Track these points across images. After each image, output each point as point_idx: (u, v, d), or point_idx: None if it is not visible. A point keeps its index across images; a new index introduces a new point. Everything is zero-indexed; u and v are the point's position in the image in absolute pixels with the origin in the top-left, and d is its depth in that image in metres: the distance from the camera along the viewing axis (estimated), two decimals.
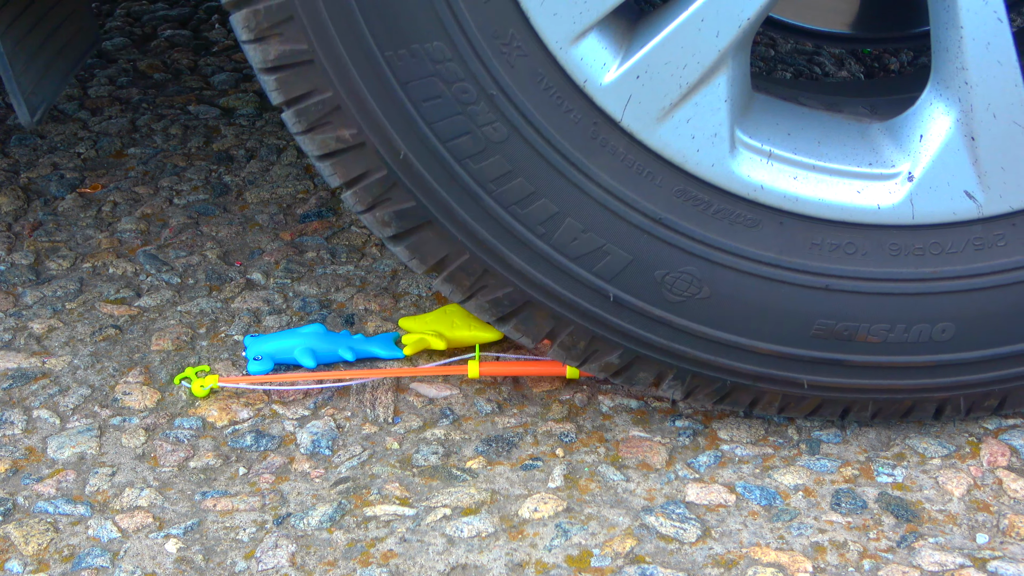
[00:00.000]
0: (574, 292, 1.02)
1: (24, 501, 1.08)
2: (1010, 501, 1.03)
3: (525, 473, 1.08)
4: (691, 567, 0.97)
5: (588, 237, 1.00)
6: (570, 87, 0.96)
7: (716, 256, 1.00)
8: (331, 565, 0.99)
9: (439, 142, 0.97)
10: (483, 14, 0.93)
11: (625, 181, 0.99)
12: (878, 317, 1.02)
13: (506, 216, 1.00)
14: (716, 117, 0.97)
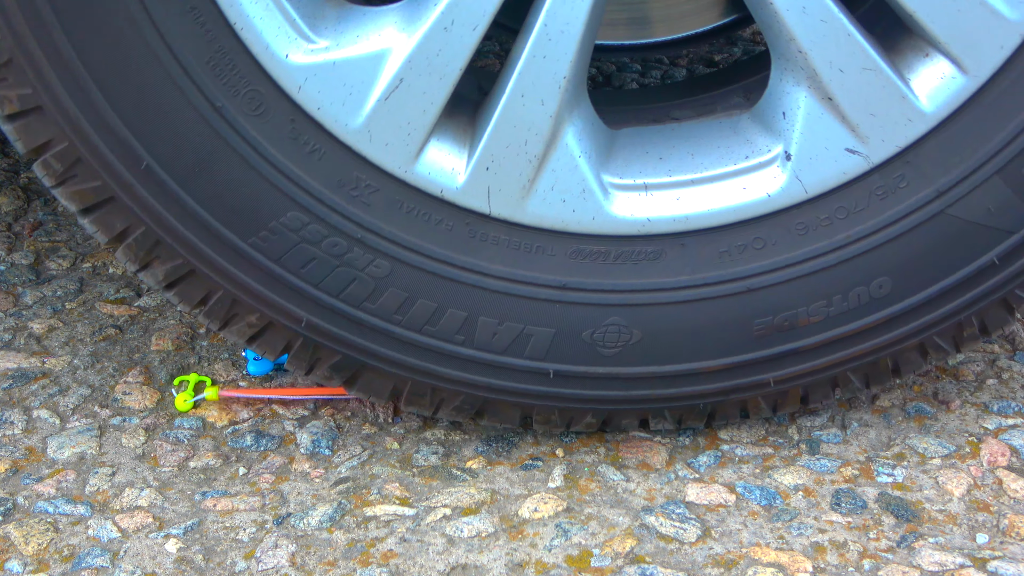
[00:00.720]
0: (513, 379, 1.04)
1: (24, 501, 1.08)
2: (1010, 501, 1.03)
3: (525, 473, 1.08)
4: (691, 567, 0.97)
5: (506, 327, 1.02)
6: (430, 200, 0.99)
7: (633, 298, 1.01)
8: (331, 565, 0.99)
9: (333, 297, 1.01)
10: (322, 170, 0.97)
11: (518, 263, 1.01)
12: (812, 297, 1.01)
13: (421, 337, 1.02)
14: (577, 174, 0.98)
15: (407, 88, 0.95)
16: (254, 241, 0.99)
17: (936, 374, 1.19)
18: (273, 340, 1.04)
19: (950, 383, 1.17)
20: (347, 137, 0.97)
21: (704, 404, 1.06)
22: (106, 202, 1.00)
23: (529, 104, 0.95)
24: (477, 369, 1.03)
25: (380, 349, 1.03)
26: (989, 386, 1.17)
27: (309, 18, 0.96)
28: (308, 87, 0.96)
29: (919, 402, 1.15)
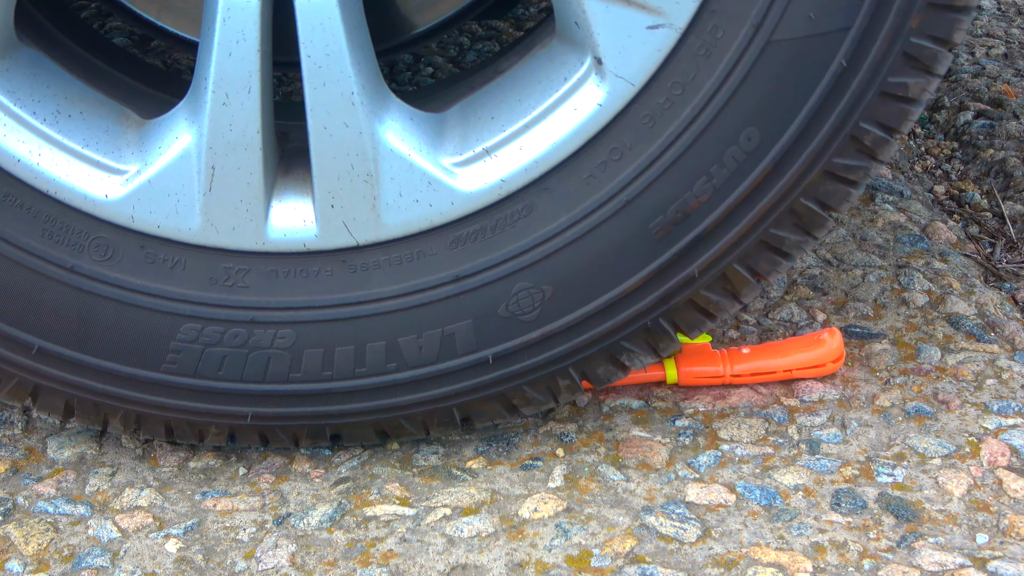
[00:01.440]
0: (474, 375, 1.04)
1: (24, 501, 1.08)
2: (1010, 501, 1.03)
3: (525, 473, 1.08)
4: (691, 567, 0.97)
5: (425, 337, 1.02)
6: (300, 257, 1.02)
7: (531, 257, 1.00)
8: (331, 565, 0.99)
9: (260, 383, 1.04)
10: (190, 277, 1.02)
11: (406, 275, 1.01)
12: (692, 177, 0.98)
13: (359, 382, 1.04)
14: (416, 172, 0.99)
15: (222, 172, 0.98)
16: (165, 367, 1.02)
17: (936, 374, 1.19)
18: (225, 438, 1.08)
19: (950, 383, 1.17)
20: (195, 238, 1.00)
21: (648, 321, 1.03)
22: (17, 385, 1.05)
23: (335, 132, 0.97)
24: (427, 385, 1.04)
25: (337, 407, 1.05)
26: (989, 386, 1.17)
27: (112, 153, 1.00)
28: (139, 213, 0.99)
29: (919, 402, 1.15)
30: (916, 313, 1.28)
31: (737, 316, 1.28)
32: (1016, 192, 1.55)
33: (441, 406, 1.05)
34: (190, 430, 1.07)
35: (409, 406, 1.05)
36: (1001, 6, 2.13)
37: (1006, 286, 1.36)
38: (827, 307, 1.29)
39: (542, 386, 1.05)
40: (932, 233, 1.43)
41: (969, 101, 1.77)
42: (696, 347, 1.17)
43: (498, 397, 1.05)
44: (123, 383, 1.04)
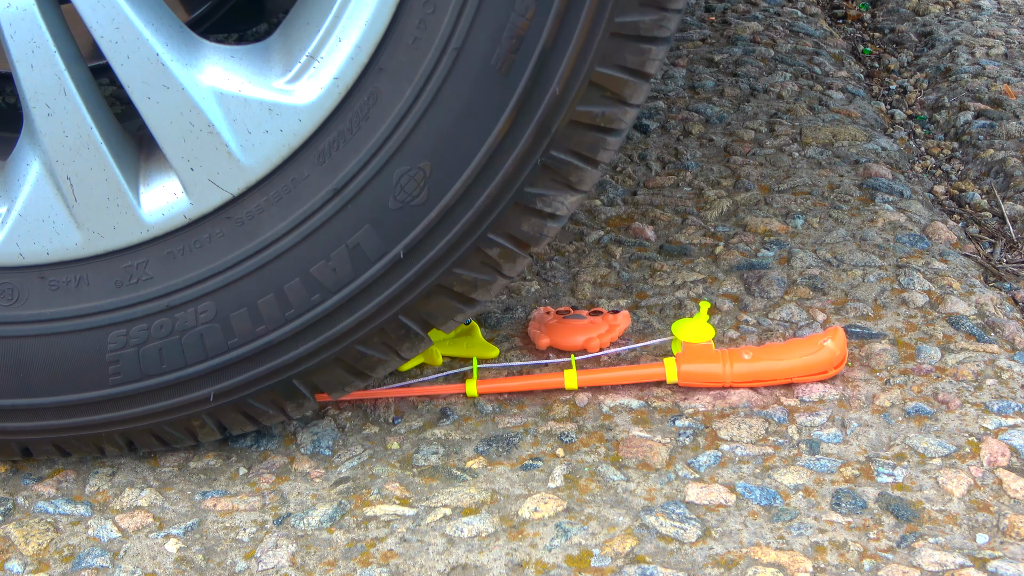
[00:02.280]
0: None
1: (24, 501, 1.08)
2: (1010, 501, 1.03)
3: (525, 473, 1.08)
4: (691, 567, 0.97)
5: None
6: (187, 229, 1.00)
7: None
8: (331, 565, 0.99)
9: (199, 364, 1.03)
10: (96, 289, 1.03)
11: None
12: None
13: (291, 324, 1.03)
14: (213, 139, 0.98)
15: (78, 179, 0.99)
16: (113, 380, 1.03)
17: (936, 374, 1.19)
18: (195, 427, 1.07)
19: (950, 383, 1.17)
20: (84, 251, 1.01)
21: (541, 158, 0.98)
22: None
23: (159, 97, 0.96)
24: (357, 303, 1.01)
25: (293, 354, 1.03)
26: (989, 386, 1.17)
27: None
28: (25, 248, 1.01)
29: (919, 402, 1.15)
30: (916, 313, 1.28)
31: (737, 316, 1.28)
32: (1016, 192, 1.55)
33: (389, 317, 1.02)
34: (176, 431, 1.07)
35: (357, 328, 1.02)
36: (1001, 6, 2.13)
37: (1006, 286, 1.36)
38: (827, 307, 1.29)
39: (475, 261, 1.01)
40: (932, 233, 1.43)
41: (969, 101, 1.78)
42: (697, 348, 1.17)
43: (436, 289, 1.01)
44: (87, 410, 1.05)
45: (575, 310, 1.26)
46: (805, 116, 1.72)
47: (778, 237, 1.42)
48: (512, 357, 1.23)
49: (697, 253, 1.40)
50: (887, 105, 1.85)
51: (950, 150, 1.70)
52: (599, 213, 1.49)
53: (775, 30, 2.01)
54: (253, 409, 1.06)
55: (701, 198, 1.52)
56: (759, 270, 1.35)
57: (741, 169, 1.58)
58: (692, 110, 1.74)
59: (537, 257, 1.39)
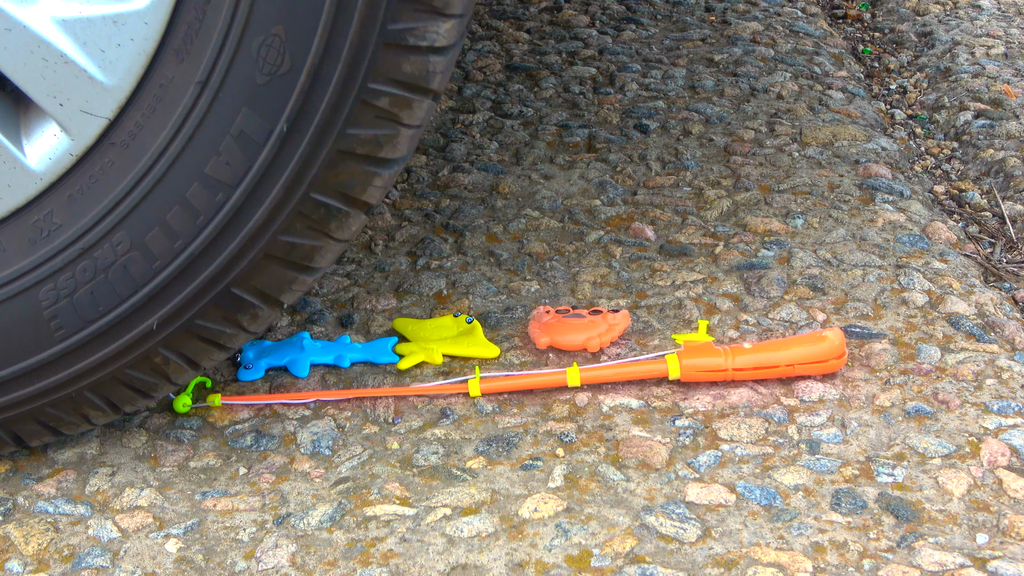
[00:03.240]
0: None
1: (24, 501, 1.08)
2: (1010, 501, 1.03)
3: (525, 473, 1.08)
4: (691, 567, 0.97)
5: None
6: (84, 167, 0.99)
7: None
8: (331, 565, 0.99)
9: (133, 294, 1.01)
10: (13, 252, 1.01)
11: None
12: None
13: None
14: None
15: None
16: (59, 335, 1.02)
17: (936, 374, 1.19)
18: (159, 365, 1.05)
19: (950, 383, 1.17)
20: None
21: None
22: None
23: (3, 43, 0.95)
24: (264, 186, 0.99)
25: (215, 264, 1.01)
26: (989, 386, 1.17)
27: None
28: None
29: (919, 402, 1.15)
30: (916, 313, 1.28)
31: (737, 316, 1.28)
32: (1016, 192, 1.55)
33: (301, 197, 0.98)
34: (144, 373, 1.05)
35: (273, 217, 0.98)
36: (1001, 6, 2.13)
37: (1006, 286, 1.36)
38: (827, 307, 1.29)
39: (367, 117, 0.96)
40: (932, 233, 1.43)
41: (969, 101, 1.78)
42: (698, 344, 1.17)
43: (338, 156, 0.97)
44: (46, 372, 1.03)
45: (574, 309, 1.26)
46: (805, 116, 1.72)
47: (778, 237, 1.42)
48: (512, 357, 1.23)
49: (697, 253, 1.40)
50: (887, 105, 1.85)
51: (950, 150, 1.70)
52: (599, 213, 1.49)
53: (775, 30, 2.01)
54: (207, 331, 1.03)
55: (701, 198, 1.52)
56: (759, 270, 1.35)
57: (741, 169, 1.58)
58: (692, 110, 1.74)
59: (537, 257, 1.40)
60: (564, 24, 2.03)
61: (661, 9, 2.10)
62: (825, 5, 2.22)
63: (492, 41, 1.97)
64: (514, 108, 1.75)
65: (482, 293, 1.34)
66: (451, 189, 1.56)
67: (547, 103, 1.77)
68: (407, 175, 1.59)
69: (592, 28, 2.02)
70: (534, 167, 1.60)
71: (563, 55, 1.92)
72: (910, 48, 2.02)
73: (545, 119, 1.72)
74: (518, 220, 1.48)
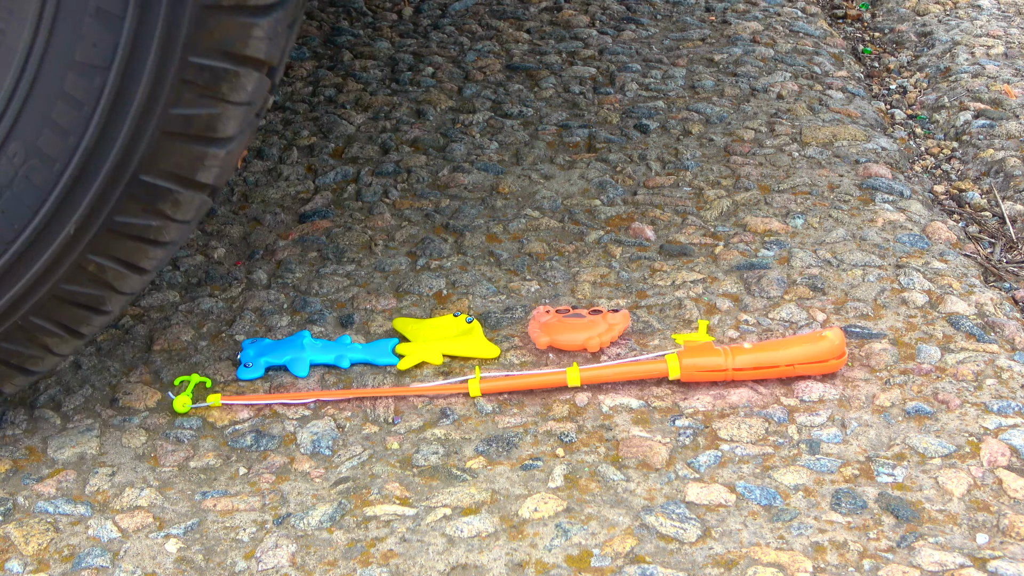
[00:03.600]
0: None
1: (24, 501, 1.08)
2: (1010, 501, 1.03)
3: (525, 473, 1.08)
4: (691, 567, 0.97)
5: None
6: None
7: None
8: (331, 565, 0.99)
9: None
10: None
11: None
12: None
13: None
14: None
15: None
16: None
17: (936, 374, 1.19)
18: (96, 273, 1.00)
19: (950, 383, 1.17)
20: None
21: None
22: None
23: None
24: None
25: (118, 149, 0.97)
26: (989, 386, 1.17)
27: None
28: None
29: (919, 402, 1.15)
30: (916, 313, 1.28)
31: (737, 316, 1.28)
32: (1016, 192, 1.55)
33: (178, 62, 0.93)
34: (81, 288, 1.01)
35: (162, 74, 0.94)
36: (1001, 6, 2.13)
37: (1006, 286, 1.36)
38: (827, 307, 1.29)
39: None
40: (932, 233, 1.43)
41: (969, 101, 1.78)
42: (698, 344, 1.17)
43: (205, 12, 0.92)
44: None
45: (574, 309, 1.26)
46: (805, 116, 1.72)
47: (778, 237, 1.42)
48: (512, 357, 1.23)
49: (697, 253, 1.40)
50: (887, 105, 1.85)
51: (950, 150, 1.70)
52: (599, 213, 1.49)
53: (775, 30, 2.01)
54: (131, 227, 0.99)
55: (701, 198, 1.52)
56: (759, 270, 1.35)
57: (741, 169, 1.58)
58: (692, 110, 1.74)
59: (537, 257, 1.40)
60: (564, 24, 2.03)
61: (661, 9, 2.10)
62: (825, 5, 2.22)
63: (492, 41, 1.97)
64: (514, 108, 1.75)
65: (482, 293, 1.34)
66: (451, 189, 1.56)
67: (547, 103, 1.77)
68: (407, 175, 1.59)
69: (592, 28, 2.02)
70: (534, 167, 1.60)
71: (563, 55, 1.92)
72: (910, 48, 2.02)
73: (545, 119, 1.72)
74: (518, 220, 1.48)
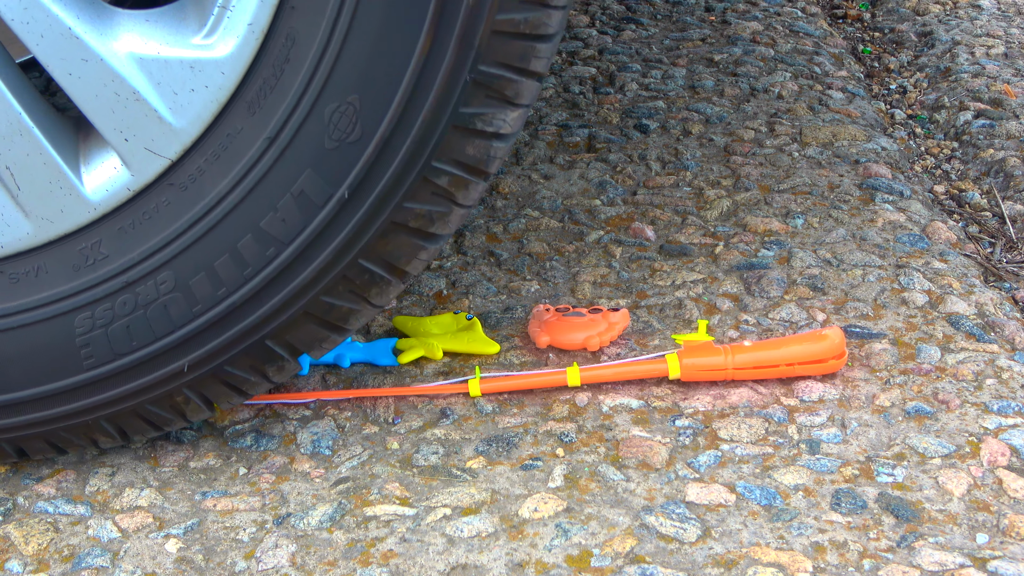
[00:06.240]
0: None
1: (24, 501, 1.08)
2: (1010, 501, 1.03)
3: (525, 473, 1.08)
4: (691, 567, 0.97)
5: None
6: (133, 204, 0.99)
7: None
8: (331, 565, 0.99)
9: (170, 333, 1.02)
10: (55, 276, 1.01)
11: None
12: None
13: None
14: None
15: (18, 168, 0.98)
16: (87, 364, 1.02)
17: (936, 374, 1.19)
18: (179, 403, 1.06)
19: (950, 383, 1.17)
20: (36, 239, 1.00)
21: (468, 76, 0.96)
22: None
23: (79, 72, 0.95)
24: (317, 247, 0.99)
25: (256, 316, 1.01)
26: (989, 386, 1.17)
27: None
28: None
29: (919, 402, 1.15)
30: (916, 313, 1.28)
31: (737, 316, 1.28)
32: (1016, 192, 1.55)
33: (349, 261, 0.99)
34: (162, 409, 1.06)
35: (318, 278, 1.00)
36: (1001, 6, 2.13)
37: (1006, 286, 1.36)
38: (827, 307, 1.29)
39: (424, 192, 0.97)
40: (932, 233, 1.43)
41: (969, 101, 1.78)
42: (698, 343, 1.17)
43: (391, 228, 0.99)
44: (66, 398, 1.04)
45: (574, 308, 1.26)
46: (805, 116, 1.71)
47: (778, 237, 1.42)
48: (512, 356, 1.23)
49: (697, 253, 1.40)
50: (887, 105, 1.85)
51: (950, 150, 1.70)
52: (599, 213, 1.49)
53: (775, 30, 2.01)
54: (233, 377, 1.04)
55: (701, 198, 1.52)
56: (759, 270, 1.35)
57: (741, 169, 1.58)
58: (692, 110, 1.74)
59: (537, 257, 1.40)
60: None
61: (661, 9, 2.10)
62: (825, 5, 2.22)
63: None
64: None
65: (482, 293, 1.34)
66: None
67: (547, 103, 1.77)
68: None
69: (592, 28, 2.02)
70: (534, 167, 1.60)
71: (563, 55, 1.92)
72: (910, 48, 2.02)
73: (545, 119, 1.72)
74: (518, 220, 1.48)
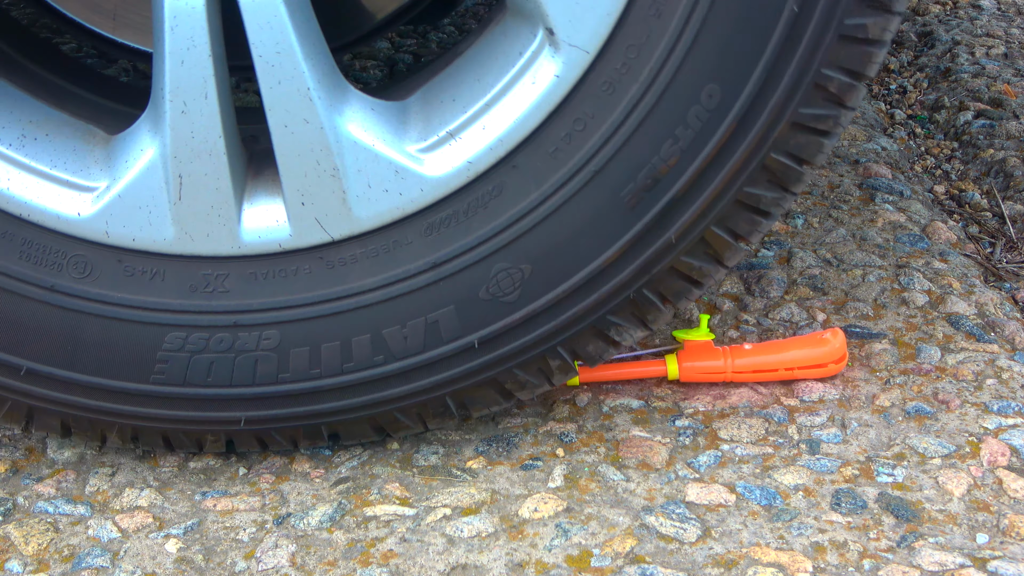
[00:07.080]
0: (450, 365, 1.04)
1: (24, 501, 1.08)
2: (1010, 501, 1.03)
3: (525, 473, 1.08)
4: (691, 567, 0.97)
5: (410, 327, 1.02)
6: (277, 258, 1.01)
7: (507, 237, 0.99)
8: (331, 565, 0.99)
9: (251, 387, 1.04)
10: (170, 286, 1.02)
11: (383, 266, 1.01)
12: (658, 139, 0.97)
13: (347, 377, 1.04)
14: (382, 161, 0.98)
15: (190, 180, 0.98)
16: (155, 378, 1.03)
17: (936, 374, 1.19)
18: (203, 441, 1.08)
19: (950, 383, 1.17)
20: (171, 248, 1.00)
21: (632, 292, 1.02)
22: (11, 408, 1.06)
23: (296, 129, 0.96)
24: (416, 375, 1.03)
25: (329, 405, 1.04)
26: (989, 386, 1.17)
27: (81, 171, 1.00)
28: (113, 228, 0.99)
29: (919, 402, 1.15)
30: (916, 313, 1.28)
31: (737, 316, 1.28)
32: (1016, 192, 1.55)
33: (433, 396, 1.04)
34: (187, 439, 1.08)
35: (401, 398, 1.04)
36: (1001, 6, 2.13)
37: (1006, 286, 1.36)
38: (827, 307, 1.29)
39: (533, 367, 1.04)
40: (932, 233, 1.43)
41: (969, 101, 1.78)
42: (698, 344, 1.17)
43: (490, 382, 1.04)
44: (115, 398, 1.04)
45: None
46: None
47: (778, 237, 1.42)
48: None
49: None
50: (887, 105, 1.85)
51: (950, 150, 1.70)
52: None
53: None
54: (270, 439, 1.08)
55: None
56: (759, 270, 1.35)
57: None
58: None
59: None
60: None
61: None
62: None
63: None
64: None
65: None
66: None
67: None
68: None
69: None
70: None
71: None
72: (910, 48, 2.02)
73: None
74: None
